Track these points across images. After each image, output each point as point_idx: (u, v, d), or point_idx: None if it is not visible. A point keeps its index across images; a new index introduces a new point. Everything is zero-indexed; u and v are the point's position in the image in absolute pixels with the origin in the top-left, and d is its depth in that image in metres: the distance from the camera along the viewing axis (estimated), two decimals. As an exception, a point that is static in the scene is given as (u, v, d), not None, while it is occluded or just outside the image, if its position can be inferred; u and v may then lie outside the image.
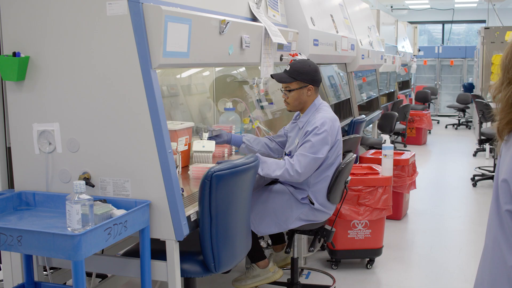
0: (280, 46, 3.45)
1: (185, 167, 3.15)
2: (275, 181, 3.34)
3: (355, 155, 3.29)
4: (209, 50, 2.53)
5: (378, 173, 4.15)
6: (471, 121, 13.01)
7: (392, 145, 4.17)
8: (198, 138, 3.60)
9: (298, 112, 3.26)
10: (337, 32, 4.92)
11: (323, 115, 3.08)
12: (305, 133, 3.06)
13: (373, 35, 7.13)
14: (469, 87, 13.77)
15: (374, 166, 4.39)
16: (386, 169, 4.09)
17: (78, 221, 1.95)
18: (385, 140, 4.16)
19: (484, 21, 15.44)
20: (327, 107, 3.18)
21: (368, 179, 4.02)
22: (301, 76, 3.11)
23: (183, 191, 2.62)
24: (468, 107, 13.08)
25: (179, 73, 3.75)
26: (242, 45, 2.79)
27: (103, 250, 2.54)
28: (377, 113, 7.28)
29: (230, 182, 2.34)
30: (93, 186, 2.27)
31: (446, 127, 13.06)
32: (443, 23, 16.59)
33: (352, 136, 4.28)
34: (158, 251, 2.27)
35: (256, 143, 3.32)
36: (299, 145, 3.07)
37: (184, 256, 2.35)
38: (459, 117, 13.12)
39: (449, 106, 13.45)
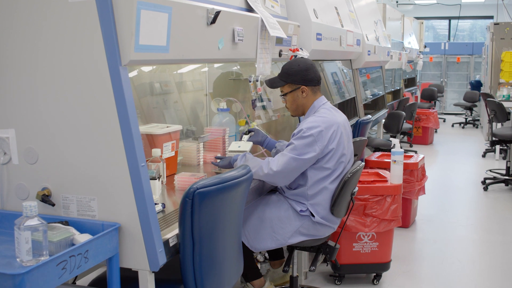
0: (279, 41, 3.08)
1: (173, 176, 2.80)
2: (272, 190, 2.99)
3: (363, 163, 2.93)
4: (194, 44, 2.17)
5: (386, 181, 3.78)
6: (478, 120, 12.63)
7: (402, 150, 3.80)
8: (189, 141, 3.27)
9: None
10: (342, 26, 4.56)
11: (315, 118, 2.74)
12: (292, 135, 2.72)
13: (380, 30, 6.76)
14: (476, 85, 13.38)
15: (382, 171, 4.03)
16: (395, 176, 3.72)
17: (28, 251, 1.60)
18: (394, 145, 3.79)
19: (491, 17, 15.07)
20: (327, 110, 2.83)
21: (376, 188, 3.66)
22: (291, 78, 2.78)
23: (164, 207, 2.28)
24: (476, 105, 12.70)
25: (176, 69, 3.39)
26: (234, 39, 2.43)
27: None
28: (383, 112, 6.92)
29: (217, 199, 1.98)
30: (53, 205, 1.92)
31: (452, 125, 12.68)
32: (449, 18, 16.17)
33: (357, 139, 3.92)
34: (132, 278, 1.92)
35: None
36: (285, 146, 2.77)
37: (162, 285, 1.99)
38: (466, 116, 12.74)
39: (455, 104, 13.07)
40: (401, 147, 4.10)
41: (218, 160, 2.99)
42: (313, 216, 2.78)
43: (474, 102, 12.63)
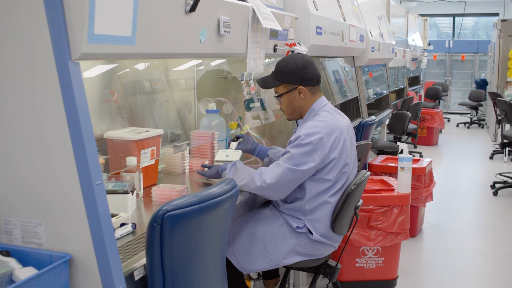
0: (274, 34, 2.74)
1: (152, 187, 2.47)
2: (266, 203, 2.64)
3: (368, 173, 2.58)
4: (169, 35, 1.82)
5: (393, 189, 3.43)
6: (483, 120, 12.26)
7: (411, 156, 3.45)
8: (170, 148, 2.93)
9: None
10: (344, 20, 4.21)
11: (314, 123, 2.39)
12: (289, 142, 2.38)
13: (384, 26, 6.40)
14: (482, 84, 13.02)
15: (388, 179, 3.68)
16: (403, 184, 3.37)
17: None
18: (401, 150, 3.43)
19: (497, 14, 14.72)
20: (328, 113, 2.48)
21: (381, 198, 3.31)
22: (286, 77, 2.44)
23: (134, 227, 1.94)
24: (481, 105, 12.34)
25: (170, 66, 3.05)
26: (219, 30, 2.08)
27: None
28: (387, 113, 6.56)
29: (193, 223, 1.64)
30: (-8, 230, 1.57)
31: (457, 125, 12.32)
32: (453, 16, 15.80)
33: (361, 142, 3.56)
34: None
35: None
36: (281, 155, 2.42)
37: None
38: (472, 116, 12.37)
39: (461, 104, 12.71)
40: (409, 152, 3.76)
41: (206, 169, 2.65)
42: (311, 233, 2.43)
43: (480, 101, 12.27)
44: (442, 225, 5.08)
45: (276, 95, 2.52)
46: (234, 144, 2.85)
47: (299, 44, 2.98)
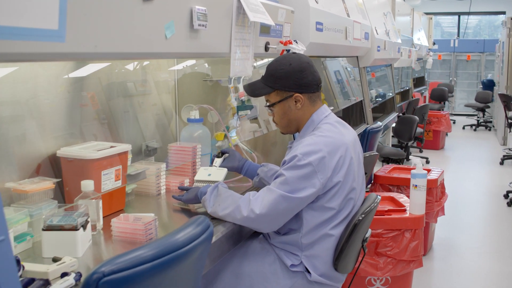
0: (266, 30, 2.29)
1: (118, 214, 2.03)
2: (254, 235, 2.20)
3: (379, 197, 2.13)
4: (119, 29, 1.37)
5: (404, 210, 2.98)
6: (491, 122, 11.80)
7: (425, 171, 2.99)
8: (150, 162, 2.49)
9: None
10: (348, 15, 3.76)
11: (314, 139, 1.95)
12: (283, 163, 1.93)
13: (389, 24, 5.95)
14: (488, 84, 12.56)
15: (397, 196, 3.23)
16: (416, 205, 2.92)
17: None
18: (415, 164, 2.97)
19: (504, 13, 14.28)
20: (331, 126, 2.03)
21: (391, 220, 2.86)
22: (280, 82, 2.00)
23: (79, 279, 1.49)
24: (489, 106, 11.88)
25: (160, 66, 2.61)
26: (192, 24, 1.63)
27: None
28: (393, 116, 6.11)
29: (146, 285, 1.19)
30: None
31: (463, 128, 11.87)
32: (459, 14, 15.33)
33: (367, 154, 3.12)
34: None
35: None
36: (273, 178, 1.97)
37: None
38: (478, 117, 11.91)
39: (467, 105, 12.25)
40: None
41: (184, 192, 2.21)
42: (309, 272, 1.99)
43: (487, 102, 11.82)
44: (454, 241, 4.64)
45: (268, 104, 2.08)
46: (218, 161, 2.41)
47: (296, 42, 2.53)
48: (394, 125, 6.43)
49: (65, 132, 2.18)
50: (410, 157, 3.42)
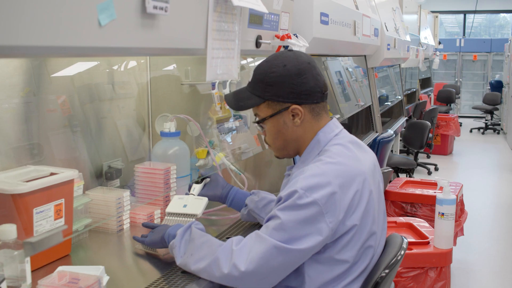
0: (257, 20, 1.76)
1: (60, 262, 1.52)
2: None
3: (406, 241, 1.61)
4: (19, 13, 0.85)
5: (427, 243, 2.45)
6: (499, 124, 11.28)
7: (455, 197, 2.45)
8: (113, 189, 1.98)
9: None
10: (357, 8, 3.23)
11: (321, 167, 1.42)
12: (278, 200, 1.41)
13: (398, 20, 5.42)
14: (497, 86, 12.03)
15: (417, 223, 2.70)
16: (443, 238, 2.38)
17: None
18: (441, 188, 2.42)
19: (511, 11, 13.77)
20: (343, 147, 1.50)
21: (413, 256, 2.34)
22: (271, 90, 1.49)
23: None
24: (497, 109, 11.36)
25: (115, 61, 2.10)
26: (145, 6, 1.10)
27: None
28: (402, 121, 5.57)
29: None
30: None
31: (471, 131, 11.33)
32: (464, 13, 14.81)
33: (380, 171, 2.59)
34: None
35: (269, 209, 1.76)
36: (264, 221, 1.43)
37: None
38: (486, 120, 11.38)
39: (475, 107, 11.73)
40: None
41: (149, 231, 1.70)
42: None
43: (496, 104, 11.30)
44: (473, 265, 4.12)
45: (257, 119, 1.55)
46: (197, 188, 1.90)
47: (296, 37, 2.00)
48: (402, 130, 5.90)
49: (8, 147, 1.68)
50: (435, 178, 2.92)
